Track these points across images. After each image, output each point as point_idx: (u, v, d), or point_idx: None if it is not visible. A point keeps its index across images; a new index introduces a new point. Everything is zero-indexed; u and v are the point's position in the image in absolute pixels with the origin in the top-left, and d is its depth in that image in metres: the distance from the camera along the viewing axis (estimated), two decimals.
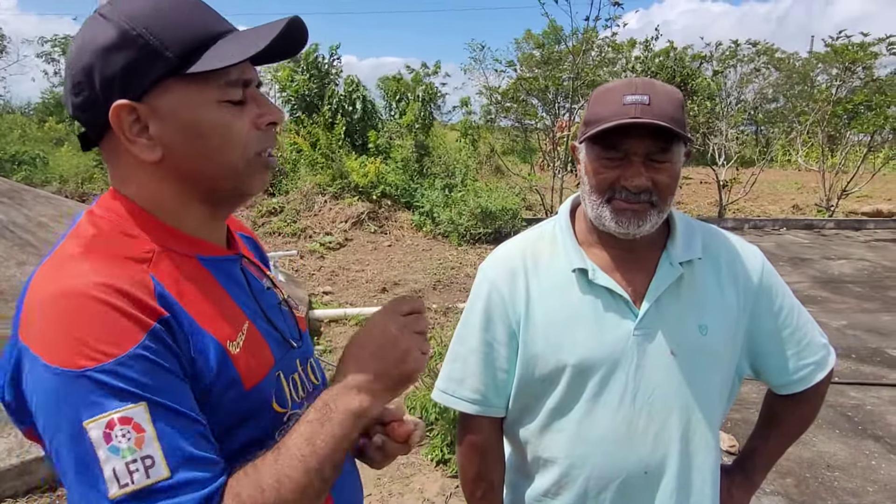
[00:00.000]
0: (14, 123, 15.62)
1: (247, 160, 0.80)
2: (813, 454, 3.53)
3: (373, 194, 9.94)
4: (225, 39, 0.77)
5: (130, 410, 0.63)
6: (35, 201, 4.73)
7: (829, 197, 12.44)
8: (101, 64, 0.73)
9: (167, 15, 0.74)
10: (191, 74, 0.74)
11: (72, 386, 0.63)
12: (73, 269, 0.69)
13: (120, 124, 0.74)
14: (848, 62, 11.66)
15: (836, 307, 6.44)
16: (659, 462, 1.15)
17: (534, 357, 1.18)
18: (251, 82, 0.80)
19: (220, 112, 0.76)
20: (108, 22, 0.73)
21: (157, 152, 0.76)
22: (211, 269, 0.82)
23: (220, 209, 0.86)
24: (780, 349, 1.22)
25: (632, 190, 1.09)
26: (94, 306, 0.65)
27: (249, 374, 0.77)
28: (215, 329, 0.75)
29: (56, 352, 0.63)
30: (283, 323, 0.91)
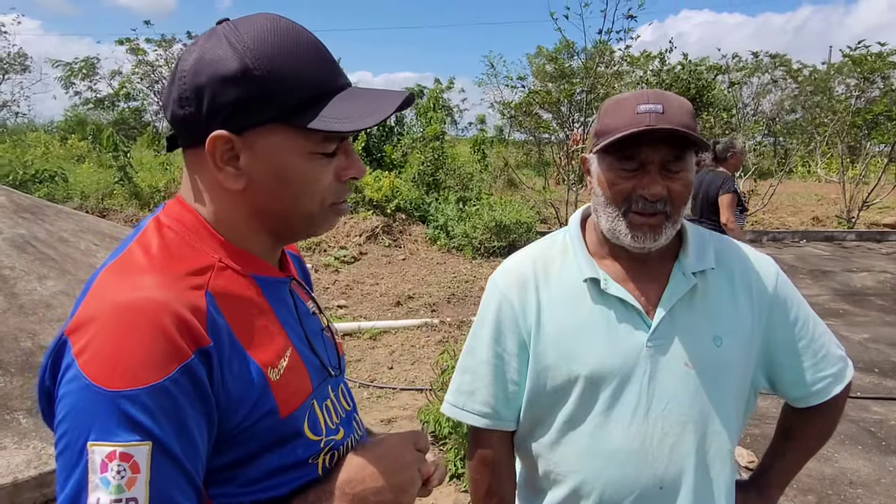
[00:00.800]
0: (37, 141, 15.95)
1: (322, 208, 0.82)
2: (835, 470, 3.45)
3: (387, 208, 9.98)
4: (341, 98, 0.78)
5: (135, 448, 0.63)
6: (57, 217, 4.81)
7: (850, 208, 12.27)
8: (214, 91, 0.73)
9: (292, 62, 0.75)
10: (296, 126, 0.75)
11: (94, 402, 0.63)
12: (136, 281, 0.70)
13: (214, 151, 0.75)
14: (867, 72, 11.54)
15: (859, 320, 6.33)
16: (674, 477, 1.13)
17: (545, 368, 1.17)
18: (346, 137, 0.82)
19: (310, 163, 0.78)
20: (233, 51, 0.73)
21: (241, 183, 0.77)
22: (264, 290, 0.82)
23: (283, 242, 0.88)
24: (796, 361, 1.20)
25: (649, 199, 1.08)
26: (143, 326, 0.66)
27: (287, 403, 0.77)
28: (259, 354, 0.76)
29: (93, 363, 0.64)
30: (324, 350, 0.91)
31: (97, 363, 0.64)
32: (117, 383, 0.63)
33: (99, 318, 0.66)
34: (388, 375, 4.98)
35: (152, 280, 0.70)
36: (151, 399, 0.64)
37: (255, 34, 0.75)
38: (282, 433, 0.77)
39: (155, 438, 0.64)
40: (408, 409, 4.28)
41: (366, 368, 5.13)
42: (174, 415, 0.66)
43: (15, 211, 4.44)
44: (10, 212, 4.37)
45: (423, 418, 3.69)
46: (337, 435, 0.86)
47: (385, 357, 5.37)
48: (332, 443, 0.84)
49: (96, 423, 0.63)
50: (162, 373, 0.65)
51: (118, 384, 0.63)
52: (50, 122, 22.77)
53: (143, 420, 0.64)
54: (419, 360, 5.26)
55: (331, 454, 0.84)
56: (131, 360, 0.64)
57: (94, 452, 0.63)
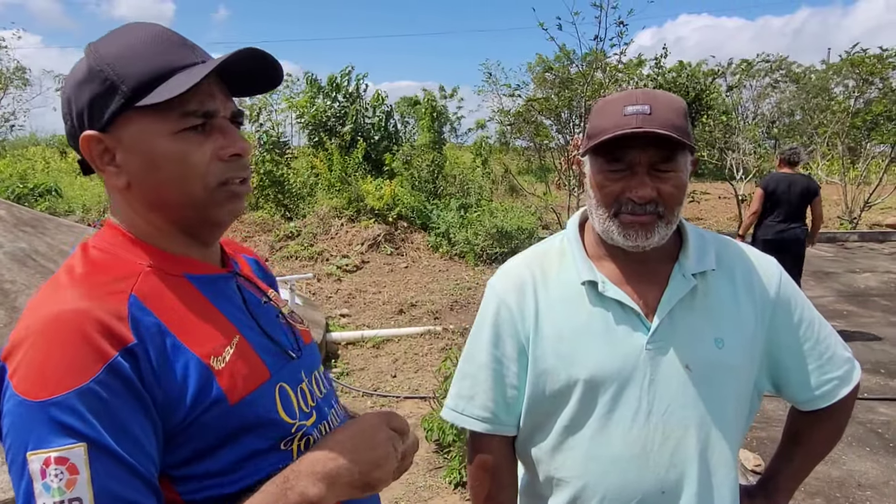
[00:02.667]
0: (38, 155, 16.01)
1: (208, 190, 0.82)
2: (842, 473, 3.42)
3: (389, 216, 9.98)
4: (181, 73, 0.79)
5: (69, 451, 0.65)
6: (57, 230, 4.82)
7: (852, 209, 12.25)
8: (75, 97, 0.80)
9: (132, 52, 0.79)
10: (148, 107, 0.77)
11: (26, 415, 0.66)
12: (57, 297, 0.73)
13: (90, 153, 0.80)
14: (865, 74, 11.55)
15: (863, 321, 6.30)
16: (676, 481, 1.11)
17: (544, 372, 1.16)
18: (215, 113, 0.82)
19: (175, 143, 0.79)
20: (85, 59, 0.80)
21: (123, 179, 0.81)
22: (200, 287, 0.84)
23: (198, 236, 0.88)
24: (801, 363, 1.18)
25: (637, 201, 1.07)
26: (64, 335, 0.68)
27: (235, 389, 0.78)
28: (199, 346, 0.77)
29: (22, 380, 0.67)
30: (282, 335, 0.92)
31: (25, 379, 0.67)
32: (44, 393, 0.66)
33: (26, 339, 0.69)
34: (392, 384, 4.96)
35: (73, 293, 0.73)
36: (80, 402, 0.66)
37: (104, 39, 0.81)
38: (240, 421, 0.78)
39: (88, 439, 0.66)
40: (412, 418, 4.26)
41: (369, 377, 5.11)
42: (106, 414, 0.67)
43: (15, 225, 4.45)
44: (10, 225, 4.38)
45: (427, 426, 3.67)
46: (308, 420, 0.86)
47: (388, 365, 5.35)
48: (303, 428, 0.84)
49: (31, 434, 0.65)
50: (86, 375, 0.67)
51: (45, 393, 0.66)
52: (51, 136, 22.89)
53: (73, 423, 0.65)
54: (422, 367, 5.24)
55: (305, 440, 0.85)
56: (55, 369, 0.67)
57: (33, 461, 0.65)
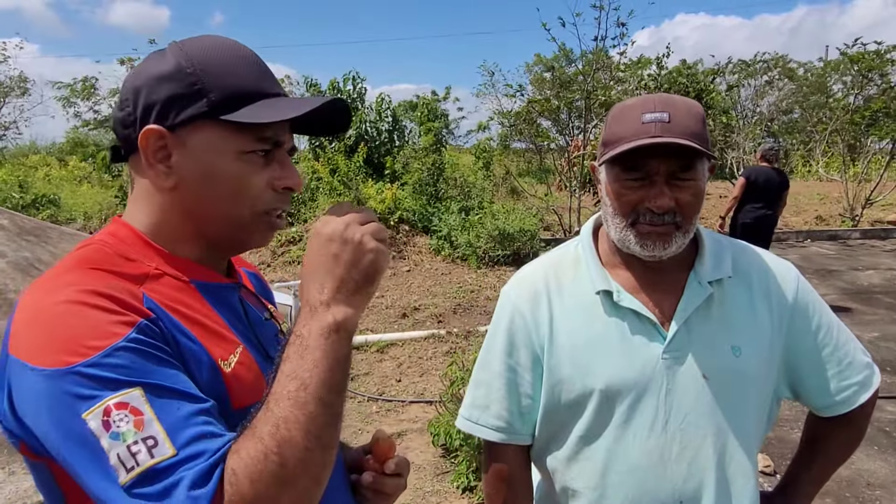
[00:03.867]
0: (38, 163, 16.03)
1: (254, 214, 0.82)
2: (852, 472, 3.41)
3: (390, 220, 9.97)
4: (267, 101, 0.80)
5: (125, 396, 0.62)
6: (60, 238, 4.81)
7: (853, 206, 12.23)
8: (149, 89, 0.78)
9: (225, 64, 0.79)
10: (226, 121, 0.77)
11: (62, 383, 0.62)
12: (59, 282, 0.70)
13: (146, 146, 0.78)
14: (864, 70, 11.55)
15: (868, 319, 6.28)
16: (694, 491, 1.10)
17: (559, 382, 1.15)
18: (283, 144, 0.84)
19: (239, 163, 0.80)
20: (171, 55, 0.80)
21: (171, 181, 0.79)
22: (206, 295, 0.83)
23: (218, 251, 0.87)
24: (820, 369, 1.16)
25: (656, 211, 1.06)
26: (79, 309, 0.66)
27: (239, 395, 0.76)
28: (208, 345, 0.76)
29: (42, 355, 0.64)
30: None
31: (47, 352, 0.64)
32: (76, 358, 0.63)
33: (34, 323, 0.66)
34: (397, 388, 4.95)
35: (74, 277, 0.70)
36: (118, 357, 0.64)
37: (193, 44, 0.81)
38: (234, 428, 0.74)
39: (140, 382, 0.64)
40: (417, 422, 4.24)
41: (374, 382, 5.10)
42: (148, 361, 0.65)
43: (18, 234, 4.44)
44: (13, 235, 4.37)
45: (433, 431, 3.66)
46: None
47: (393, 370, 5.33)
48: None
49: (75, 397, 0.62)
50: (118, 336, 0.65)
51: (77, 358, 0.63)
52: (51, 144, 22.92)
53: (117, 375, 0.63)
54: (427, 371, 5.23)
55: None
56: (82, 335, 0.64)
57: (91, 420, 0.62)
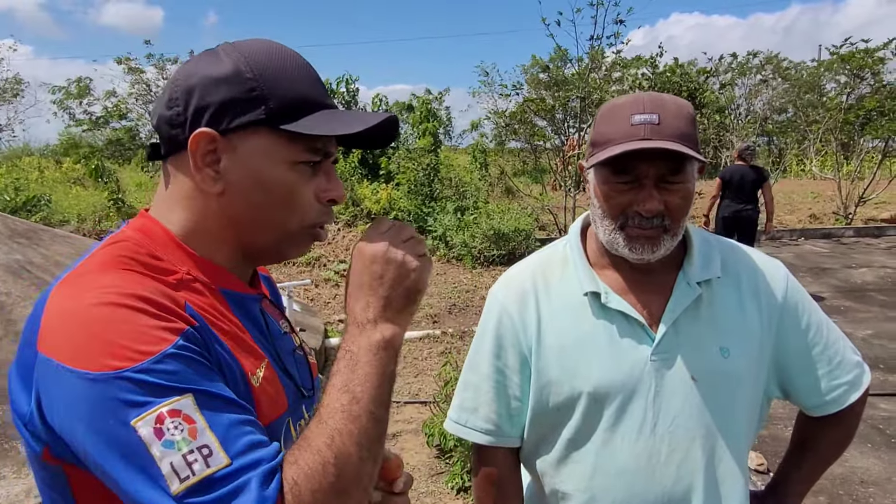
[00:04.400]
0: (32, 165, 15.96)
1: (302, 226, 0.81)
2: (845, 470, 3.42)
3: None
4: (322, 112, 0.79)
5: (178, 403, 0.61)
6: (52, 241, 4.79)
7: (847, 205, 12.28)
8: (203, 90, 0.75)
9: (282, 71, 0.77)
10: (281, 130, 0.76)
11: (110, 388, 0.60)
12: (94, 283, 0.67)
13: (196, 149, 0.75)
14: (855, 69, 11.59)
15: (861, 316, 6.31)
16: (683, 494, 1.09)
17: (547, 384, 1.14)
18: (330, 156, 0.83)
19: (291, 172, 0.78)
20: (228, 57, 0.77)
21: (219, 186, 0.77)
22: (232, 305, 0.81)
23: (252, 260, 0.86)
24: (810, 368, 1.16)
25: (644, 215, 1.05)
26: (123, 312, 0.63)
27: (266, 411, 0.75)
28: (240, 358, 0.75)
29: (86, 358, 0.61)
30: (297, 370, 0.89)
31: (87, 355, 0.61)
32: (121, 364, 0.61)
33: (74, 323, 0.63)
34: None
35: (111, 279, 0.68)
36: (167, 364, 0.62)
37: (249, 47, 0.78)
38: None
39: (191, 390, 0.62)
40: (412, 423, 4.24)
41: None
42: (195, 369, 0.64)
43: (10, 236, 4.42)
44: (5, 237, 4.35)
45: (427, 431, 3.65)
46: None
47: None
48: None
49: (124, 403, 0.60)
50: (165, 343, 0.63)
51: (123, 364, 0.61)
52: (45, 146, 22.82)
53: (167, 382, 0.61)
54: (422, 372, 5.22)
55: None
56: (125, 340, 0.62)
57: (142, 427, 0.59)
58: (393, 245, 0.77)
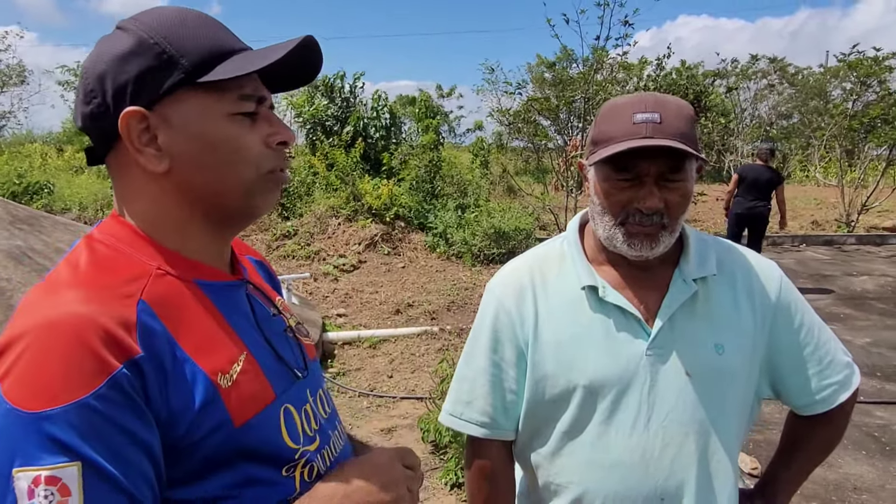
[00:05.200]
0: (35, 152, 15.97)
1: (259, 176, 0.78)
2: (839, 476, 3.42)
3: (386, 216, 9.96)
4: (239, 55, 0.77)
5: (62, 470, 0.60)
6: (53, 228, 4.79)
7: (849, 212, 12.26)
8: (114, 71, 0.73)
9: (186, 27, 0.75)
10: (204, 85, 0.73)
11: (16, 426, 0.60)
12: (59, 297, 0.67)
13: (129, 132, 0.73)
14: (862, 76, 11.57)
15: (860, 324, 6.31)
16: (676, 488, 1.10)
17: (543, 378, 1.15)
18: (265, 101, 0.80)
19: (231, 125, 0.76)
20: (126, 32, 0.74)
21: (165, 163, 0.74)
22: (211, 296, 0.78)
23: (224, 229, 0.83)
24: (801, 368, 1.18)
25: (645, 212, 1.06)
26: (64, 342, 0.63)
27: (241, 410, 0.73)
28: (206, 360, 0.72)
29: (14, 387, 0.61)
30: (289, 352, 0.87)
31: (18, 386, 0.61)
32: (38, 404, 0.60)
33: (20, 340, 0.63)
34: (388, 384, 4.95)
35: (77, 294, 0.67)
36: (77, 417, 0.60)
37: (146, 16, 0.76)
38: (242, 445, 0.72)
39: (83, 458, 0.60)
40: (408, 418, 4.25)
41: (365, 377, 5.10)
42: (105, 432, 0.62)
43: (11, 222, 4.42)
44: (6, 223, 4.35)
45: (423, 427, 3.66)
46: (312, 445, 0.82)
47: (385, 366, 5.34)
48: (307, 454, 0.80)
49: (19, 448, 0.60)
50: (86, 389, 0.61)
51: (39, 405, 0.60)
52: (48, 133, 22.84)
53: (68, 440, 0.60)
54: (419, 368, 5.23)
55: (308, 467, 0.80)
56: (53, 378, 0.61)
57: (20, 479, 0.59)
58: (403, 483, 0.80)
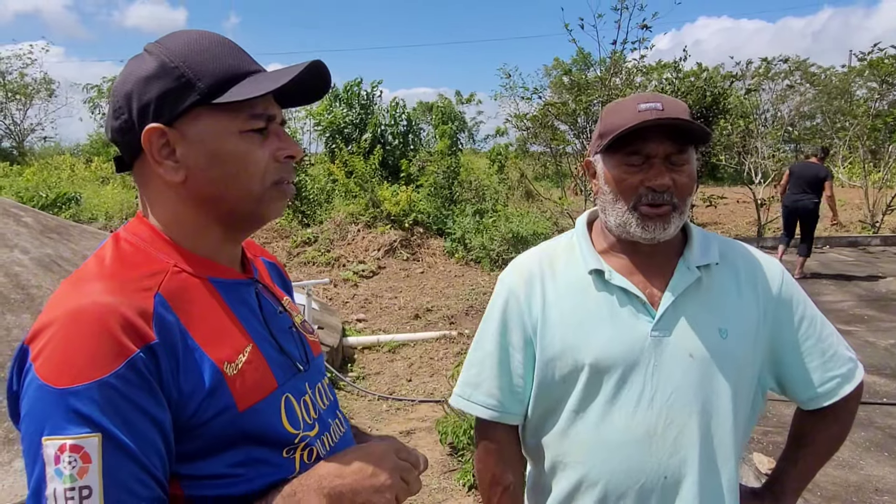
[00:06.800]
0: (64, 164, 16.35)
1: (265, 187, 0.87)
2: (860, 478, 3.38)
3: (405, 222, 10.04)
4: (252, 77, 0.85)
5: (84, 440, 0.68)
6: (81, 236, 4.94)
7: (874, 213, 12.06)
8: (139, 91, 0.81)
9: (204, 52, 0.83)
10: (219, 105, 0.82)
11: (46, 400, 0.68)
12: (86, 288, 0.75)
13: (150, 146, 0.81)
14: (885, 75, 11.39)
15: (885, 326, 6.20)
16: (678, 467, 1.13)
17: (552, 359, 1.19)
18: (275, 118, 0.88)
19: (241, 141, 0.84)
20: (151, 55, 0.83)
21: (182, 174, 0.83)
22: (221, 291, 0.86)
23: (235, 232, 0.91)
24: (803, 361, 1.20)
25: (657, 189, 1.12)
26: (89, 328, 0.71)
27: (245, 396, 0.80)
28: (214, 350, 0.80)
29: (45, 365, 0.70)
30: (293, 346, 0.94)
31: (48, 365, 0.70)
32: (65, 381, 0.68)
33: (51, 325, 0.72)
34: (407, 388, 5.00)
35: (101, 286, 0.75)
36: (98, 394, 0.68)
37: (169, 40, 0.85)
38: (245, 429, 0.79)
39: (104, 430, 0.68)
40: (426, 421, 4.29)
41: (385, 381, 5.16)
42: (123, 408, 0.70)
43: (41, 231, 4.57)
44: (36, 232, 4.50)
45: (441, 430, 3.70)
46: (311, 431, 0.88)
47: (404, 370, 5.39)
48: (306, 438, 0.87)
49: (48, 419, 0.68)
50: (107, 369, 0.69)
51: (66, 382, 0.68)
52: (76, 146, 23.36)
53: (90, 414, 0.68)
54: (437, 371, 5.28)
55: (308, 450, 0.87)
56: (78, 359, 0.69)
57: (48, 446, 0.67)
58: (396, 473, 0.84)
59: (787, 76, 18.43)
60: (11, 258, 3.93)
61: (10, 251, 4.01)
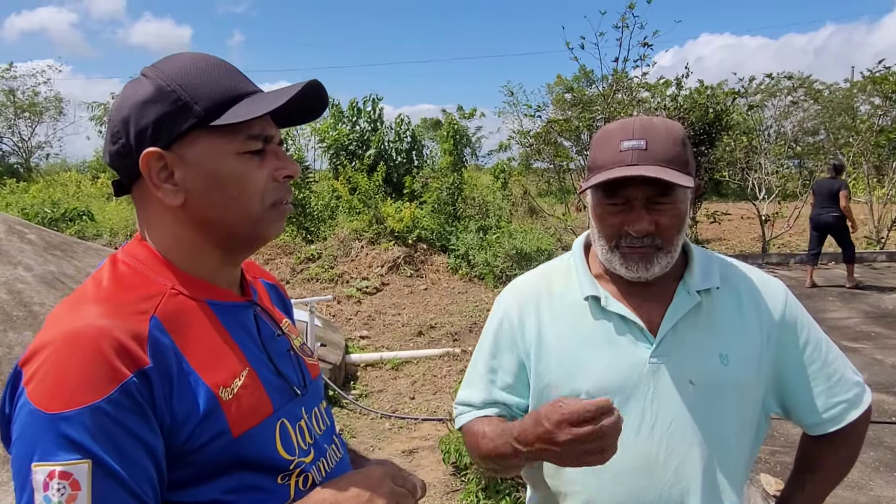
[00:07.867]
0: (70, 180, 16.47)
1: (263, 208, 0.86)
2: (870, 499, 3.33)
3: (408, 238, 10.05)
4: (249, 99, 0.84)
5: (74, 466, 0.67)
6: (85, 253, 4.94)
7: (879, 229, 12.01)
8: (136, 115, 0.81)
9: (201, 75, 0.83)
10: (216, 127, 0.81)
11: (36, 425, 0.68)
12: (81, 311, 0.75)
13: (148, 170, 0.81)
14: (888, 91, 11.41)
15: (892, 343, 6.14)
16: (680, 497, 1.11)
17: (547, 386, 1.18)
18: (272, 139, 0.87)
19: (239, 163, 0.83)
20: (148, 80, 0.83)
21: (180, 197, 0.82)
22: (218, 314, 0.85)
23: (234, 254, 0.91)
24: (808, 385, 1.17)
25: (635, 235, 1.10)
26: (82, 351, 0.70)
27: (239, 421, 0.79)
28: (209, 374, 0.79)
29: (37, 390, 0.69)
30: (291, 370, 0.93)
31: (40, 389, 0.69)
32: (56, 406, 0.67)
33: (45, 348, 0.71)
34: (410, 406, 4.97)
35: (96, 309, 0.75)
36: (90, 419, 0.68)
37: (165, 63, 0.84)
38: (239, 454, 0.78)
39: (94, 457, 0.67)
40: (429, 440, 4.25)
41: (388, 399, 5.12)
42: (114, 434, 0.69)
43: (45, 248, 4.58)
44: (40, 249, 4.50)
45: (444, 448, 3.67)
46: (307, 457, 0.87)
47: (407, 387, 5.36)
48: (301, 464, 0.85)
49: (38, 445, 0.67)
50: (99, 394, 0.68)
51: (57, 407, 0.67)
52: (82, 162, 23.55)
53: (81, 440, 0.67)
54: (441, 389, 5.24)
55: (303, 476, 0.85)
56: (70, 383, 0.68)
57: (37, 472, 0.66)
58: (391, 498, 0.82)
59: (790, 92, 18.49)
60: (15, 275, 3.94)
61: (14, 268, 4.02)
